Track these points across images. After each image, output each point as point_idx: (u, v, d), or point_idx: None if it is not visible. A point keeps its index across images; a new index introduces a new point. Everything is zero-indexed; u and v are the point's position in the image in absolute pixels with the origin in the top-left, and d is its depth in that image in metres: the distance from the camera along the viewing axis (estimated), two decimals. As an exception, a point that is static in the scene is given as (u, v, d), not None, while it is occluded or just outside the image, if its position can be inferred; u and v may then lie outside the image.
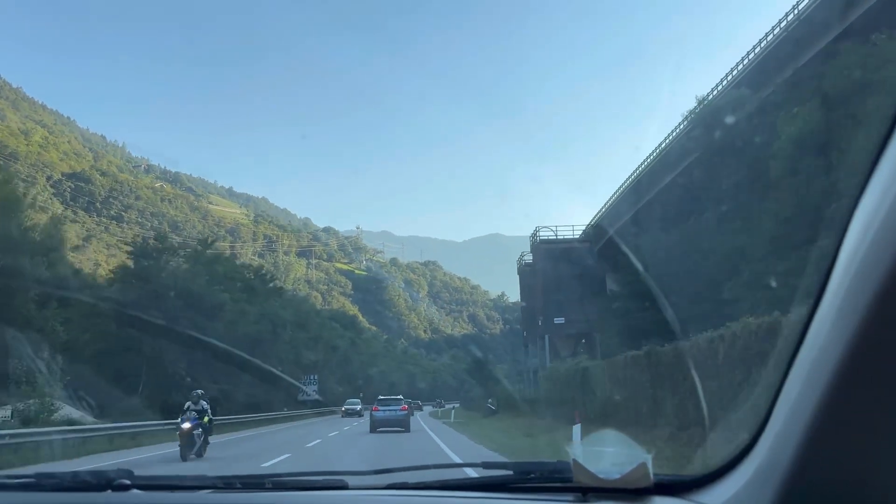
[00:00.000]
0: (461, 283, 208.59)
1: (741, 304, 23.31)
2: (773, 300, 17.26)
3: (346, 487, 2.10)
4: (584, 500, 1.85)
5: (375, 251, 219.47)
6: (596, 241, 52.87)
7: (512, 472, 2.08)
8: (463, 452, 18.02)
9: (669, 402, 16.75)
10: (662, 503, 1.77)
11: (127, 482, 2.04)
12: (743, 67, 37.35)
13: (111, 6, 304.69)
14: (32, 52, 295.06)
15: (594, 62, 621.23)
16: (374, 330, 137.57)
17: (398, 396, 33.77)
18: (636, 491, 1.78)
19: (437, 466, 2.50)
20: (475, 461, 2.47)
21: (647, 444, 13.55)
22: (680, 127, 42.09)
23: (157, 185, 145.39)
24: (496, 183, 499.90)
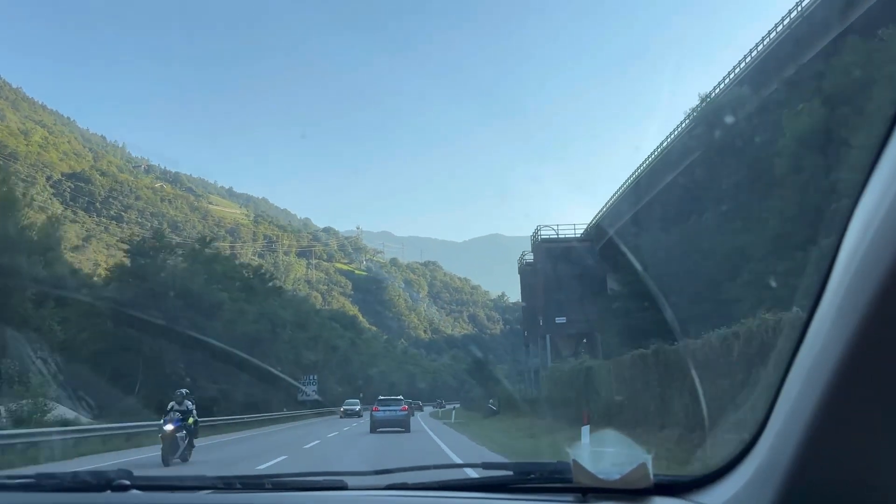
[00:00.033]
0: (461, 283, 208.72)
1: (742, 303, 23.29)
2: (773, 300, 17.16)
3: (345, 488, 2.10)
4: (584, 500, 1.85)
5: (375, 251, 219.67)
6: (597, 240, 52.96)
7: (512, 472, 2.09)
8: (463, 453, 17.96)
9: (678, 402, 16.42)
10: (662, 503, 1.77)
11: (126, 482, 2.04)
12: (745, 66, 37.37)
13: (111, 6, 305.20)
14: (32, 52, 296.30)
15: (594, 62, 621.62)
16: (374, 330, 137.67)
17: (398, 397, 33.67)
18: (636, 491, 1.78)
19: (437, 467, 2.51)
20: (475, 462, 2.47)
21: (656, 446, 13.46)
22: (682, 125, 42.17)
23: (157, 185, 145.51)
24: (496, 183, 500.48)
